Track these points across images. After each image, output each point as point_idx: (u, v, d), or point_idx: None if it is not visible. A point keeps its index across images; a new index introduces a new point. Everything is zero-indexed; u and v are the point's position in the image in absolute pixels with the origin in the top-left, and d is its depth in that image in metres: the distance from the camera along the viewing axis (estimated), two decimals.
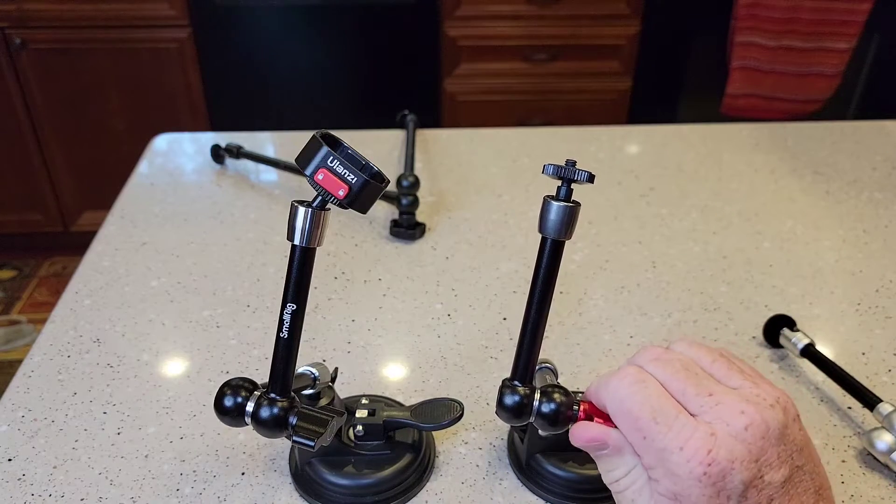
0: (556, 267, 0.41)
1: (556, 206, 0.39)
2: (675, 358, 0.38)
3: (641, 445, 0.36)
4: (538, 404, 0.41)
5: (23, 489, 0.52)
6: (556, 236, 0.39)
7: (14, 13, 1.88)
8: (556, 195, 0.39)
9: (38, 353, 0.65)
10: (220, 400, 0.45)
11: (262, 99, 2.06)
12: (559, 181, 0.39)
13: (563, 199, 0.39)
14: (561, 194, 0.39)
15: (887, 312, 0.71)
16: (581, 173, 0.38)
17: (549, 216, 0.39)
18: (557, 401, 0.40)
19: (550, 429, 0.41)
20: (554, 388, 0.41)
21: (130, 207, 0.88)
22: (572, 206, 0.39)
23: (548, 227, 0.39)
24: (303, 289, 0.42)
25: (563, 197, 0.39)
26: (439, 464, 0.55)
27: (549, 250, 0.40)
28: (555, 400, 0.40)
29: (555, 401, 0.40)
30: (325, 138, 0.37)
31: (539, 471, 0.52)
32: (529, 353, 0.42)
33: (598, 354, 0.65)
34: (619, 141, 1.05)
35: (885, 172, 0.97)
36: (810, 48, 1.88)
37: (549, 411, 0.40)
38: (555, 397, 0.40)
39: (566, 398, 0.40)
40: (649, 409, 0.35)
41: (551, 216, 0.39)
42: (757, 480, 0.34)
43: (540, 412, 0.41)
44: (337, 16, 1.96)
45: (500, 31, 2.00)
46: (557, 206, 0.39)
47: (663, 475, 0.35)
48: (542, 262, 0.40)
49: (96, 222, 0.88)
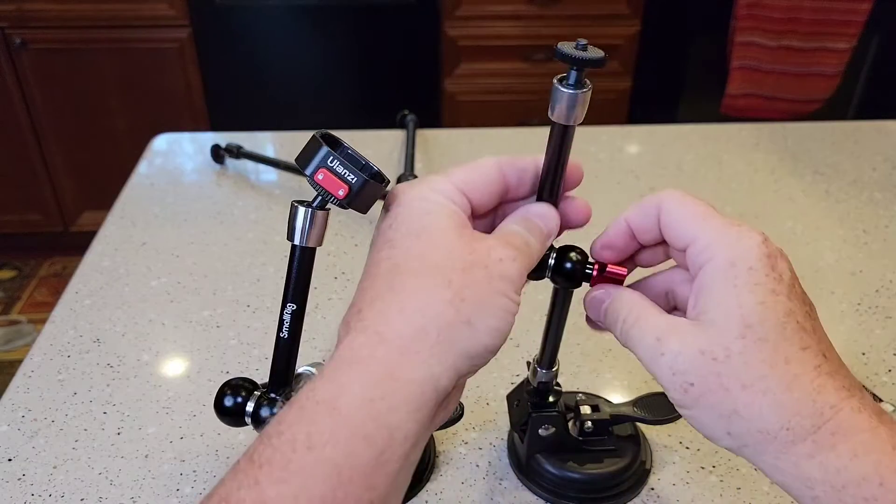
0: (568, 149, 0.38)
1: (569, 94, 0.36)
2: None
3: (701, 225, 0.34)
4: (553, 262, 0.40)
5: (23, 489, 0.52)
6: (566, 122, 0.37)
7: (14, 13, 1.87)
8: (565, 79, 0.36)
9: (38, 353, 0.65)
10: (220, 400, 0.45)
11: (262, 99, 2.06)
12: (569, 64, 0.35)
13: (573, 84, 0.36)
14: (571, 79, 0.36)
15: (887, 312, 0.71)
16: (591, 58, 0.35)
17: (561, 103, 0.36)
18: (573, 259, 0.40)
19: (567, 284, 0.41)
20: (571, 247, 0.40)
21: (130, 207, 0.88)
22: (586, 90, 0.36)
23: (557, 112, 0.37)
24: (303, 289, 0.42)
25: (573, 83, 0.36)
26: (439, 464, 0.55)
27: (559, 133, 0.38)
28: (571, 258, 0.40)
29: (570, 259, 0.40)
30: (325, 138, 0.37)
31: (539, 471, 0.52)
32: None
33: (598, 354, 0.65)
34: (619, 141, 1.05)
35: (885, 172, 0.97)
36: (810, 48, 1.88)
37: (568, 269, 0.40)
38: (571, 256, 0.40)
39: (581, 255, 0.40)
40: (703, 206, 0.36)
41: (567, 104, 0.36)
42: (798, 281, 0.34)
43: (560, 270, 0.40)
44: (337, 16, 1.96)
45: (500, 31, 2.00)
46: (570, 93, 0.36)
47: (720, 245, 0.33)
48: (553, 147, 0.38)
49: (96, 222, 0.88)
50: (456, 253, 0.33)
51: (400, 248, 0.33)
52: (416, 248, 0.33)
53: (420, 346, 0.31)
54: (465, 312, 0.32)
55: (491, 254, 0.33)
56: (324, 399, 0.29)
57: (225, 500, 0.27)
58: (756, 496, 0.52)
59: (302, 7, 1.93)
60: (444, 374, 0.31)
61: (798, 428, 0.31)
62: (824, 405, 0.31)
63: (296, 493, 0.27)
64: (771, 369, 0.31)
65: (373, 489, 0.28)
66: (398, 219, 0.34)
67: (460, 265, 0.32)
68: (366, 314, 0.32)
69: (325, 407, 0.29)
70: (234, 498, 0.27)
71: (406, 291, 0.32)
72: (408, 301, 0.32)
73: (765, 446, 0.32)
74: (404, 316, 0.31)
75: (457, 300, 0.32)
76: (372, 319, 0.31)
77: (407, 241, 0.33)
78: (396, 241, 0.34)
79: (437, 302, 0.31)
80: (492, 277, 0.33)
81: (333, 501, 0.27)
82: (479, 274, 0.33)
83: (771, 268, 0.33)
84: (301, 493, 0.27)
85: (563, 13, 1.97)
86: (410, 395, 0.30)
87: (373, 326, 0.31)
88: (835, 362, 0.33)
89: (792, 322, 0.32)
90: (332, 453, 0.28)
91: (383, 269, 0.33)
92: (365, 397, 0.29)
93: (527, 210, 0.38)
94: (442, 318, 0.31)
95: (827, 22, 1.84)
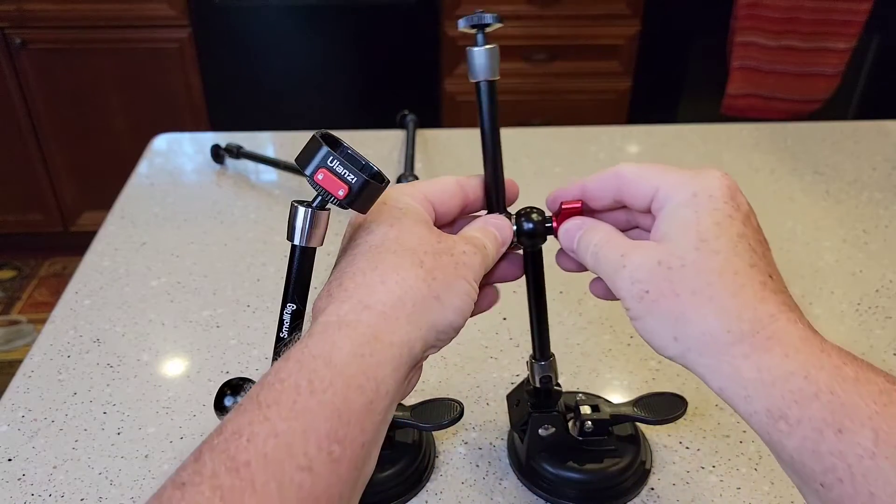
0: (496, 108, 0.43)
1: (478, 52, 0.41)
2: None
3: (664, 171, 0.38)
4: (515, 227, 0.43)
5: (23, 489, 0.52)
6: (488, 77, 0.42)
7: (14, 13, 1.88)
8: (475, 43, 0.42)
9: (38, 353, 0.65)
10: (220, 400, 0.45)
11: (262, 99, 2.06)
12: (473, 30, 0.42)
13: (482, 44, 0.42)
14: (479, 42, 0.42)
15: (887, 312, 0.71)
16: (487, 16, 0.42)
17: (475, 62, 0.42)
18: (535, 218, 0.43)
19: (532, 242, 0.44)
20: (531, 209, 0.44)
21: (130, 207, 0.88)
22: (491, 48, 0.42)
23: (476, 72, 0.42)
24: (303, 289, 0.42)
25: (482, 42, 0.42)
26: (439, 464, 0.55)
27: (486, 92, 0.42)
28: (532, 218, 0.43)
29: (532, 219, 0.43)
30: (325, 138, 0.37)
31: (539, 471, 0.52)
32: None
33: (598, 354, 0.65)
34: (619, 141, 1.05)
35: (885, 172, 0.97)
36: (810, 48, 1.88)
37: (529, 229, 0.43)
38: (532, 216, 0.43)
39: (541, 215, 0.44)
40: (662, 165, 0.39)
41: (478, 61, 0.42)
42: (753, 214, 0.38)
43: (522, 231, 0.43)
44: (337, 16, 1.96)
45: (500, 31, 1.99)
46: (479, 51, 0.41)
47: (683, 181, 0.37)
48: (483, 107, 0.42)
49: (96, 222, 0.88)
50: (426, 240, 0.38)
51: (377, 234, 0.38)
52: (392, 234, 0.38)
53: (399, 313, 0.35)
54: (434, 289, 0.36)
55: (456, 246, 0.39)
56: (319, 354, 0.33)
57: (237, 433, 0.30)
58: (756, 496, 0.52)
59: (302, 7, 1.93)
60: (417, 342, 0.35)
61: (738, 331, 0.34)
62: (764, 313, 0.34)
63: (305, 429, 0.30)
64: (719, 278, 0.35)
65: (364, 433, 0.32)
66: (373, 213, 0.39)
67: (431, 250, 0.37)
68: (348, 285, 0.36)
69: (321, 361, 0.32)
70: (246, 431, 0.30)
71: (386, 266, 0.36)
72: (388, 274, 0.36)
73: (707, 348, 0.35)
74: (386, 287, 0.36)
75: (429, 278, 0.36)
76: (355, 290, 0.36)
77: (383, 228, 0.38)
78: (373, 229, 0.38)
79: (412, 277, 0.36)
80: (457, 264, 0.38)
81: (335, 438, 0.31)
82: (446, 259, 0.38)
83: (730, 197, 0.37)
84: (309, 429, 0.30)
85: (563, 13, 1.97)
86: (392, 355, 0.34)
87: (356, 296, 0.35)
88: (780, 284, 0.36)
89: (744, 243, 0.36)
90: (332, 398, 0.31)
91: (362, 250, 0.38)
92: (356, 353, 0.33)
93: (485, 220, 0.43)
94: (417, 292, 0.36)
95: (827, 22, 1.84)
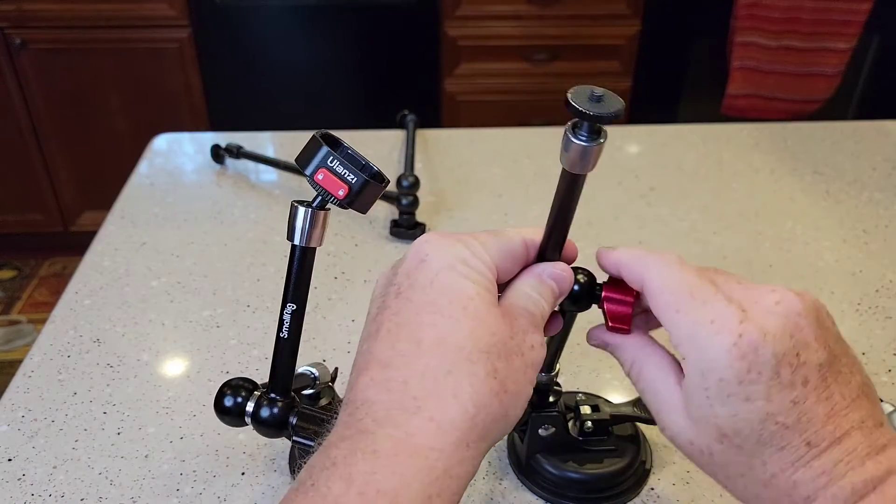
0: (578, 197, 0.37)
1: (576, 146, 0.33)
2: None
3: (673, 320, 0.34)
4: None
5: (23, 489, 0.52)
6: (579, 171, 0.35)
7: (14, 13, 1.88)
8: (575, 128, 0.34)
9: (38, 353, 0.65)
10: (220, 400, 0.45)
11: (262, 99, 2.06)
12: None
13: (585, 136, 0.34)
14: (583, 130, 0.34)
15: (887, 312, 0.71)
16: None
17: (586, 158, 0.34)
18: (581, 281, 0.40)
19: (574, 307, 0.41)
20: (577, 269, 0.40)
21: (130, 207, 0.88)
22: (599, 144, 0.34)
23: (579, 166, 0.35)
24: (303, 289, 0.42)
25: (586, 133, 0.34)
26: None
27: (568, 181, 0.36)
28: (578, 281, 0.40)
29: (578, 282, 0.40)
30: (325, 138, 0.37)
31: (539, 471, 0.52)
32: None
33: (598, 354, 0.65)
34: (619, 141, 1.05)
35: (885, 172, 0.97)
36: (810, 48, 1.88)
37: (575, 290, 0.40)
38: (578, 278, 0.40)
39: (588, 278, 0.40)
40: (687, 285, 0.34)
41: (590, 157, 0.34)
42: (791, 357, 0.32)
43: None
44: (337, 16, 1.96)
45: (500, 31, 2.00)
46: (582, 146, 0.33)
47: (691, 349, 0.33)
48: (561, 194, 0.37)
49: (96, 222, 0.88)
50: (499, 337, 0.33)
51: (447, 319, 0.33)
52: (465, 326, 0.33)
53: (470, 437, 0.31)
54: (505, 404, 0.33)
55: (526, 339, 0.34)
56: (385, 491, 0.30)
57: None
58: None
59: (302, 7, 1.93)
60: (478, 464, 0.33)
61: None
62: (799, 498, 0.32)
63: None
64: (749, 470, 0.33)
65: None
66: (439, 278, 0.34)
67: (504, 352, 0.33)
68: (416, 391, 0.32)
69: (386, 499, 0.29)
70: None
71: (460, 374, 0.32)
72: (462, 387, 0.32)
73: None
74: (459, 402, 0.31)
75: (501, 392, 0.32)
76: (425, 400, 0.31)
77: (454, 312, 0.33)
78: (443, 308, 0.33)
79: (486, 393, 0.32)
80: (527, 366, 0.34)
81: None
82: (518, 363, 0.33)
83: (746, 371, 0.32)
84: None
85: (563, 13, 1.97)
86: (459, 488, 0.32)
87: (427, 409, 0.31)
88: (824, 442, 0.32)
89: (770, 425, 0.32)
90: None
91: (429, 339, 0.33)
92: (425, 494, 0.30)
93: (542, 270, 0.38)
94: (489, 411, 0.32)
95: (827, 22, 1.84)
